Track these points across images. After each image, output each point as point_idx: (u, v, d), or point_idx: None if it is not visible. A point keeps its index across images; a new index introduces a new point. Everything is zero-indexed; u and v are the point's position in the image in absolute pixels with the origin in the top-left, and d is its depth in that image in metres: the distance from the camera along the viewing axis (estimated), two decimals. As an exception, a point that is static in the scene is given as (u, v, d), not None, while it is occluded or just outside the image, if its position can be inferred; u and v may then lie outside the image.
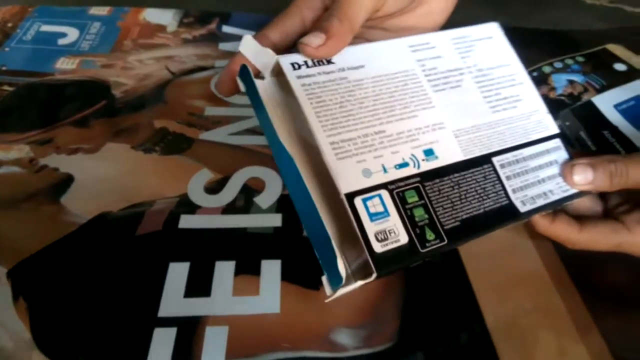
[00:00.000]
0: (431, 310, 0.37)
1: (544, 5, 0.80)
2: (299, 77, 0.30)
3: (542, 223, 0.34)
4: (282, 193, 0.45)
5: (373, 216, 0.28)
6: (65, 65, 0.59)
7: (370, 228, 0.27)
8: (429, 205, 0.30)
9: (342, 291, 0.27)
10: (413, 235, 0.28)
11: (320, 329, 0.35)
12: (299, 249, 0.40)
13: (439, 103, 0.33)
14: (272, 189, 0.45)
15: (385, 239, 0.28)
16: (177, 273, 0.38)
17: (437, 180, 0.30)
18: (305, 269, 0.39)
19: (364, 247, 0.27)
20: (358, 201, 0.28)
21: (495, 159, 0.33)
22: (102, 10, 0.69)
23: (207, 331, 0.35)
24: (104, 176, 0.46)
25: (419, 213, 0.29)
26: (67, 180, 0.45)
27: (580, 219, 0.35)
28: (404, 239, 0.28)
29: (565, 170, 0.34)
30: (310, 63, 0.30)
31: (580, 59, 0.63)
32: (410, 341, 0.35)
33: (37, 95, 0.55)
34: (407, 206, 0.29)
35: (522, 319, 0.37)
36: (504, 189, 0.32)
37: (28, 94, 0.55)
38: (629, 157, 0.33)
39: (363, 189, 0.28)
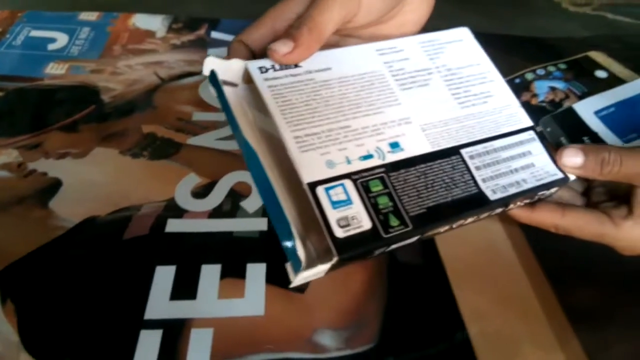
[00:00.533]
0: (412, 313, 0.38)
1: (528, 13, 0.81)
2: (266, 79, 0.31)
3: (523, 214, 0.35)
4: (268, 197, 0.46)
5: (335, 204, 0.29)
6: (54, 71, 0.60)
7: (332, 215, 0.29)
8: (394, 193, 0.31)
9: (304, 275, 0.29)
10: (376, 221, 0.29)
11: (304, 330, 0.36)
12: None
13: (405, 100, 0.34)
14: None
15: (348, 225, 0.29)
16: (164, 276, 0.39)
17: (403, 171, 0.32)
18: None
19: (326, 232, 0.28)
20: (320, 190, 0.29)
21: (463, 151, 0.34)
22: (91, 16, 0.70)
23: (192, 333, 0.35)
24: (92, 181, 0.46)
25: (383, 201, 0.30)
26: (55, 185, 0.46)
27: (562, 204, 0.35)
28: (367, 225, 0.29)
29: (557, 152, 0.34)
30: (277, 67, 0.32)
31: (563, 66, 0.65)
32: (390, 343, 0.36)
33: (26, 100, 0.55)
34: (371, 194, 0.30)
35: (502, 325, 0.38)
36: (473, 178, 0.33)
37: (17, 98, 0.56)
38: (624, 149, 0.33)
39: (326, 178, 0.30)
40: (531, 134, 0.36)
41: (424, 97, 0.35)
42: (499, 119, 0.36)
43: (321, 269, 0.29)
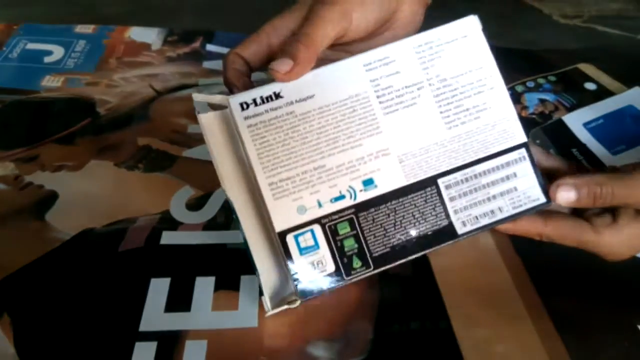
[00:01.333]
0: (404, 324, 0.38)
1: (518, 25, 0.82)
2: (246, 117, 0.32)
3: (506, 225, 0.35)
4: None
5: (303, 250, 0.32)
6: (50, 83, 0.60)
7: (299, 261, 0.32)
8: (360, 235, 0.33)
9: (275, 311, 0.34)
10: (340, 264, 0.33)
11: (297, 342, 0.37)
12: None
13: (387, 127, 0.34)
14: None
15: (313, 269, 0.32)
16: (158, 288, 0.39)
17: (372, 210, 0.33)
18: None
19: (291, 281, 0.33)
20: (290, 238, 0.32)
21: (440, 180, 0.34)
22: (87, 29, 0.71)
23: (186, 345, 0.36)
24: (87, 193, 0.47)
25: (349, 243, 0.33)
26: (51, 197, 0.46)
27: (545, 213, 0.35)
28: (330, 268, 0.33)
29: (551, 187, 0.34)
30: (259, 101, 0.32)
31: (552, 78, 0.66)
32: (383, 354, 0.36)
33: (22, 113, 0.56)
34: (338, 238, 0.33)
35: (493, 335, 0.38)
36: (445, 210, 0.34)
37: (14, 111, 0.56)
38: (616, 178, 0.33)
39: (295, 225, 0.32)
40: (522, 152, 0.35)
41: (408, 121, 0.34)
42: (489, 137, 0.35)
43: (286, 307, 0.34)
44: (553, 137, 0.56)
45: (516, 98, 0.62)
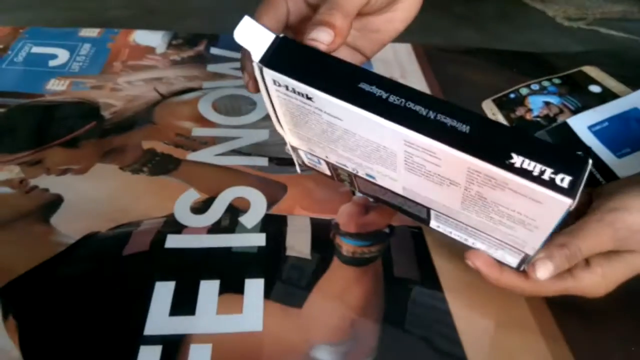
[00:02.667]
0: (409, 327, 0.38)
1: (523, 28, 0.82)
2: (277, 90, 0.32)
3: (492, 277, 0.36)
4: (267, 213, 0.46)
5: (309, 155, 0.39)
6: (55, 87, 0.61)
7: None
8: (355, 182, 0.39)
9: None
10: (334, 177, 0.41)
11: (302, 345, 0.37)
12: (281, 268, 0.42)
13: (404, 176, 0.33)
14: (257, 209, 0.47)
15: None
16: (163, 292, 0.39)
17: (369, 182, 0.37)
18: (287, 287, 0.40)
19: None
20: (301, 152, 0.40)
21: (433, 212, 0.36)
22: (92, 32, 0.71)
23: (191, 349, 0.36)
24: (92, 197, 0.47)
25: (344, 179, 0.40)
26: (56, 201, 0.46)
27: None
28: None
29: (528, 269, 0.34)
30: (290, 89, 0.31)
31: (557, 80, 0.66)
32: (388, 358, 0.36)
33: (28, 117, 0.56)
34: (337, 172, 0.40)
35: (498, 338, 0.38)
36: (428, 217, 0.37)
37: (19, 115, 0.56)
38: (577, 234, 0.34)
39: (305, 150, 0.38)
40: (521, 255, 0.34)
41: (426, 185, 0.32)
42: (500, 235, 0.33)
43: None
44: (558, 140, 0.56)
45: (520, 101, 0.62)
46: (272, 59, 0.30)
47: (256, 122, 0.57)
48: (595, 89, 0.64)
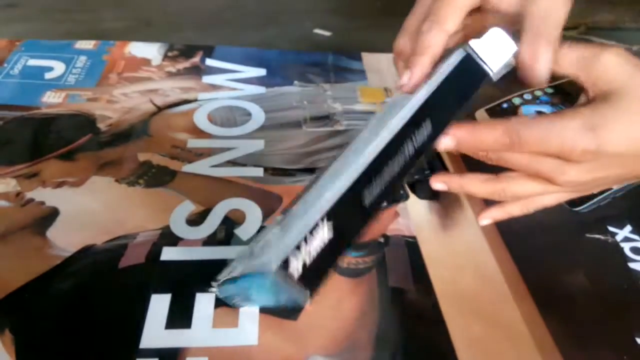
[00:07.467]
0: (404, 337, 0.39)
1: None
2: None
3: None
4: (262, 225, 0.47)
5: None
6: (51, 99, 0.61)
7: None
8: None
9: None
10: None
11: (297, 358, 0.37)
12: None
13: None
14: (253, 221, 0.47)
15: None
16: (159, 305, 0.39)
17: None
18: (282, 299, 0.40)
19: None
20: None
21: None
22: (88, 45, 0.71)
23: (187, 362, 0.36)
24: (88, 209, 0.47)
25: None
26: (52, 214, 0.46)
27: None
28: None
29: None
30: None
31: (549, 90, 0.66)
32: (383, 369, 0.37)
33: (23, 129, 0.56)
34: None
35: (492, 348, 0.38)
36: None
37: (15, 127, 0.57)
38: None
39: None
40: None
41: None
42: None
43: None
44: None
45: (513, 110, 0.62)
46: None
47: (251, 133, 0.58)
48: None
